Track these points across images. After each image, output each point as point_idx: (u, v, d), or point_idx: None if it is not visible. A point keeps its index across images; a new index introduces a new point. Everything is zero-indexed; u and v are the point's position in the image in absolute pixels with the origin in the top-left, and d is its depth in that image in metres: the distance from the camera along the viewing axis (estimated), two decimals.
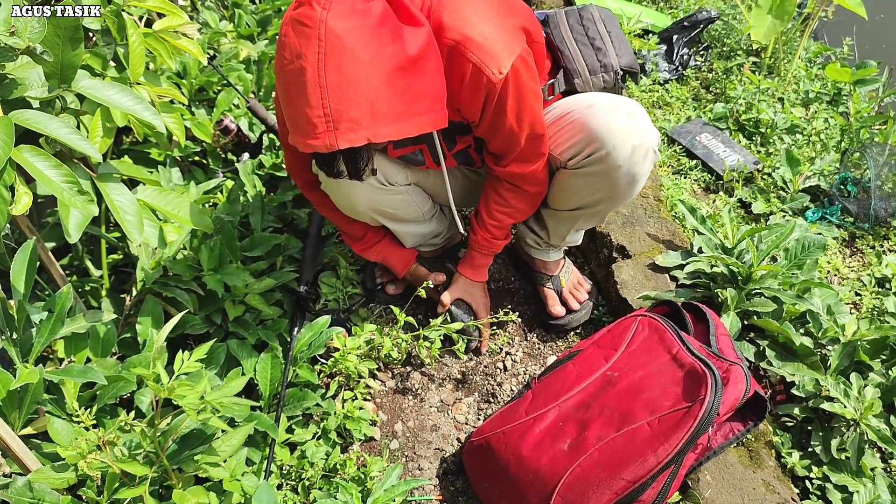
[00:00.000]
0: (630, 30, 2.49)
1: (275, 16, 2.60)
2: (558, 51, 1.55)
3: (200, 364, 1.16)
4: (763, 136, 2.23)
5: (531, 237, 1.73)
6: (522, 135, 1.38)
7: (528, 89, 1.32)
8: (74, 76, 1.20)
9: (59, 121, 1.12)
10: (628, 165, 1.40)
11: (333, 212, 1.66)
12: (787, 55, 2.54)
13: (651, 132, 1.40)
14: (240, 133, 2.07)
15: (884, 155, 2.08)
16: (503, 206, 1.58)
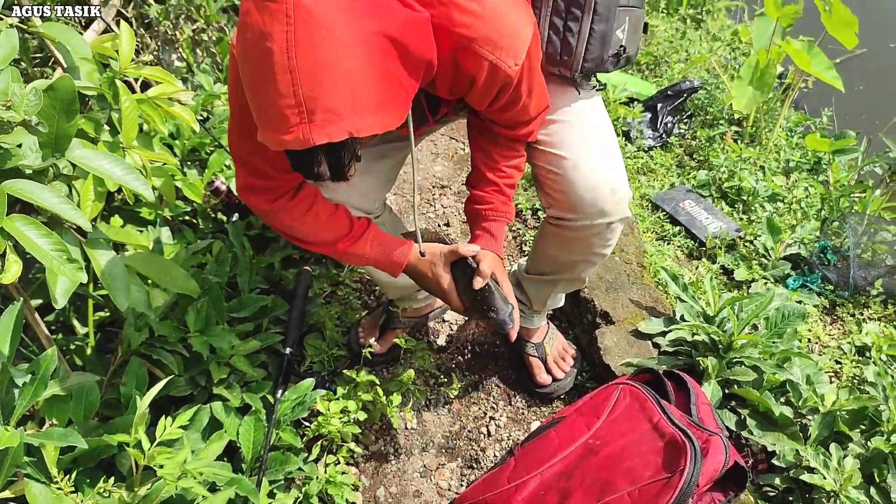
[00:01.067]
0: (615, 98, 2.55)
1: None
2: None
3: (182, 430, 1.16)
4: (745, 204, 2.28)
5: None
6: (532, 105, 1.31)
7: (536, 59, 1.24)
8: (69, 145, 1.23)
9: (50, 190, 1.15)
10: (601, 237, 1.43)
11: (304, 225, 1.38)
12: (768, 124, 2.61)
13: (627, 210, 1.42)
14: (230, 194, 2.10)
15: (862, 224, 2.13)
16: (512, 157, 1.43)
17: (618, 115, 2.52)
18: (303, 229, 1.37)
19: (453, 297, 1.41)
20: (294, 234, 1.39)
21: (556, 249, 1.55)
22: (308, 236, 1.39)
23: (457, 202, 2.41)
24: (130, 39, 1.58)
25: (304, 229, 1.37)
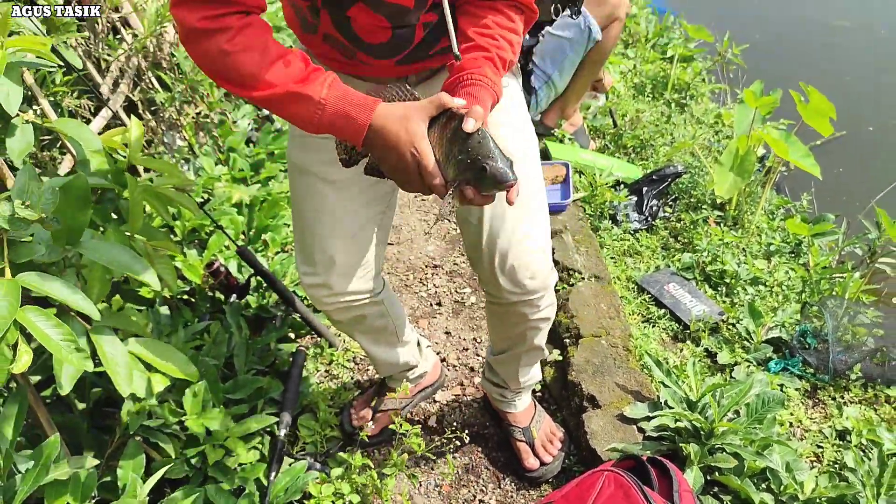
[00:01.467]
0: (602, 182, 2.65)
1: (268, 159, 2.75)
2: None
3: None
4: (728, 287, 2.35)
5: (495, 391, 1.80)
6: None
7: None
8: (80, 237, 1.30)
9: (61, 282, 1.21)
10: (531, 307, 1.50)
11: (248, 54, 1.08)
12: (750, 207, 2.70)
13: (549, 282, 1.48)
14: (228, 276, 2.16)
15: (842, 308, 2.20)
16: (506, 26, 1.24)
17: (605, 199, 2.61)
18: (245, 60, 1.08)
19: (430, 163, 1.07)
20: (230, 65, 1.09)
21: (499, 325, 1.63)
22: (248, 70, 1.08)
23: (448, 282, 2.48)
24: (140, 134, 1.67)
25: (247, 61, 1.08)
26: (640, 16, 4.07)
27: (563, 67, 2.71)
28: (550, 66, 2.71)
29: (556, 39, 2.64)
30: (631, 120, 3.20)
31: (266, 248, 2.38)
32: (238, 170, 2.60)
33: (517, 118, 1.45)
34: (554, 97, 2.87)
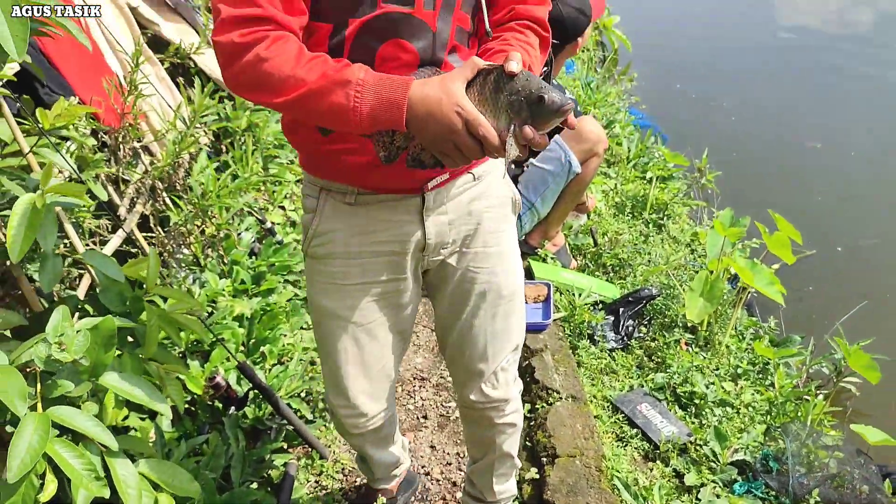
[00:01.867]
0: (581, 302, 2.83)
1: (268, 271, 2.93)
2: None
3: None
4: (697, 408, 2.50)
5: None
6: None
7: None
8: (104, 372, 1.46)
9: (85, 416, 1.36)
10: (498, 411, 1.67)
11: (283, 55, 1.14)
12: (720, 328, 2.88)
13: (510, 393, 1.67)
14: (228, 388, 2.30)
15: (803, 434, 2.35)
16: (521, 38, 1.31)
17: (583, 319, 2.79)
18: (281, 63, 1.13)
19: (477, 115, 1.09)
20: (267, 69, 1.13)
21: (472, 429, 1.80)
22: (285, 71, 1.13)
23: (435, 395, 2.62)
24: (156, 265, 1.84)
25: (283, 63, 1.13)
26: (622, 136, 4.34)
27: (545, 196, 2.93)
28: (533, 194, 2.93)
29: (540, 171, 2.87)
30: (611, 239, 3.41)
31: (264, 359, 2.53)
32: (240, 282, 2.77)
33: (513, 250, 1.62)
34: (537, 221, 3.08)
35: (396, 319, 1.56)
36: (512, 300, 1.58)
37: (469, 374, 1.61)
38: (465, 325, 1.56)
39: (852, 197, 4.61)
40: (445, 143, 1.12)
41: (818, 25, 7.50)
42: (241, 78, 1.17)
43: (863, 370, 2.54)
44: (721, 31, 7.75)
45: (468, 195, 1.47)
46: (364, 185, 1.39)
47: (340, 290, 1.51)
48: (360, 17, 1.22)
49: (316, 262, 1.51)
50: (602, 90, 5.10)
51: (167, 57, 3.01)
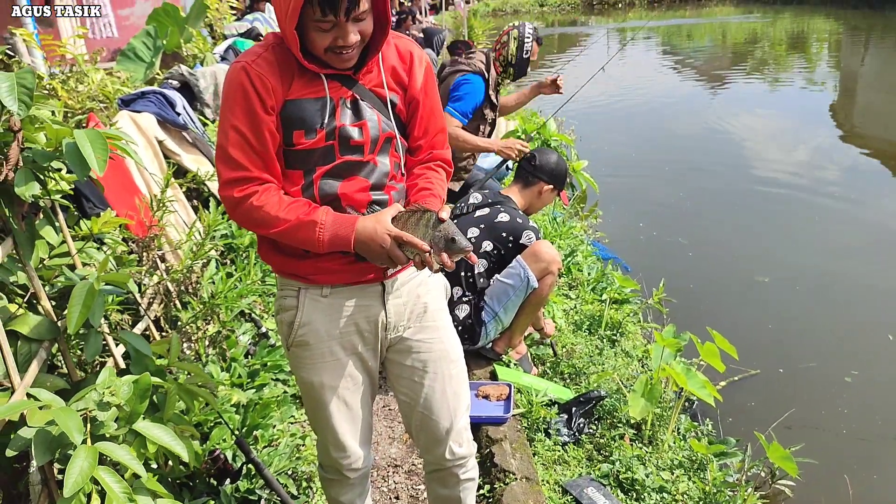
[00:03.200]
0: (538, 401, 3.20)
1: (262, 369, 3.30)
2: None
3: None
4: (637, 493, 2.83)
5: None
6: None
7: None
8: (137, 420, 1.82)
9: (123, 449, 1.72)
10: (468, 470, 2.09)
11: (272, 203, 1.69)
12: (662, 428, 3.24)
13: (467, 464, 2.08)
14: (225, 462, 2.63)
15: None
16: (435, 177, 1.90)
17: (540, 415, 3.15)
18: (269, 209, 1.67)
19: (411, 237, 1.62)
20: (261, 214, 1.67)
21: (437, 491, 2.14)
22: (273, 214, 1.66)
23: (406, 480, 2.94)
24: (177, 343, 2.24)
25: (270, 209, 1.67)
26: (583, 263, 4.84)
27: (507, 307, 3.37)
28: (497, 304, 3.37)
29: (503, 285, 3.32)
30: (568, 351, 3.82)
31: (256, 442, 2.86)
32: (237, 376, 3.14)
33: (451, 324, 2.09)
34: (501, 329, 3.50)
35: (370, 380, 2.03)
36: (459, 363, 2.04)
37: (438, 434, 2.01)
38: (429, 389, 1.96)
39: (794, 325, 5.06)
40: (382, 254, 1.67)
41: (783, 176, 8.24)
42: (242, 220, 1.74)
43: (781, 462, 2.89)
44: (687, 175, 8.46)
45: (415, 282, 1.97)
46: (336, 281, 1.86)
47: (326, 366, 1.94)
48: (325, 165, 1.75)
49: (302, 349, 1.91)
50: (567, 224, 5.66)
51: (185, 182, 3.51)
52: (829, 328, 5.01)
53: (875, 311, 5.15)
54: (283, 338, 1.93)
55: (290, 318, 1.89)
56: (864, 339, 4.81)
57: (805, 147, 9.62)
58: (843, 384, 4.29)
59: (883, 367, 4.48)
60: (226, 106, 1.67)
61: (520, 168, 3.75)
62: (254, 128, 1.67)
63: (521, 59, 4.18)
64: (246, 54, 1.70)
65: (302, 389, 2.01)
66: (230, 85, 1.67)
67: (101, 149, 1.81)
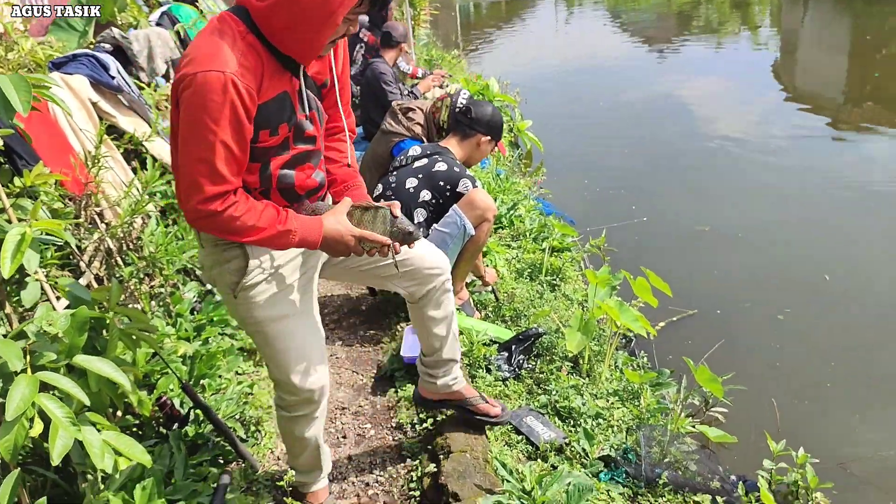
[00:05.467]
0: (478, 340, 3.32)
1: (208, 324, 3.36)
2: None
3: None
4: (574, 420, 2.97)
5: (440, 381, 2.59)
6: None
7: None
8: (77, 353, 1.88)
9: (66, 379, 1.78)
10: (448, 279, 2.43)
11: (249, 213, 1.77)
12: (598, 362, 3.39)
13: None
14: (172, 408, 2.69)
15: (661, 434, 2.83)
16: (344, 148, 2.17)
17: (481, 354, 3.27)
18: (249, 217, 1.75)
19: (375, 236, 1.93)
20: (242, 223, 1.75)
21: (432, 310, 2.39)
22: (250, 223, 1.76)
23: (353, 420, 3.04)
24: (118, 291, 2.29)
25: (250, 216, 1.75)
26: (525, 217, 4.96)
27: (447, 255, 3.45)
28: None
29: (440, 233, 3.41)
30: (510, 296, 3.94)
31: (204, 390, 2.93)
32: (184, 330, 3.19)
33: None
34: None
35: (313, 303, 2.19)
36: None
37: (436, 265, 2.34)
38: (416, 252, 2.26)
39: (734, 270, 5.26)
40: (345, 251, 1.94)
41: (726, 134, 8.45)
42: (222, 228, 1.77)
43: (708, 385, 3.05)
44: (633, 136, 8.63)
45: None
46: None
47: (281, 295, 2.04)
48: (280, 156, 1.85)
49: (253, 290, 1.97)
50: (510, 180, 5.77)
51: (122, 144, 3.52)
52: (766, 272, 5.22)
53: (812, 255, 5.39)
54: (229, 286, 1.97)
55: (237, 265, 1.95)
56: (799, 280, 5.04)
57: (748, 107, 9.85)
58: (775, 322, 4.51)
59: (814, 305, 4.71)
60: (209, 118, 1.61)
61: (456, 121, 3.83)
62: (240, 140, 1.69)
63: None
64: (223, 61, 1.61)
65: (258, 330, 2.05)
66: (214, 97, 1.59)
67: (25, 90, 1.85)
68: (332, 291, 4.22)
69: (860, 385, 3.83)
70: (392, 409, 3.12)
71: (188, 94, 1.61)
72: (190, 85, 1.60)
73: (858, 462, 3.24)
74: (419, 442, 2.85)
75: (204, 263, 2.03)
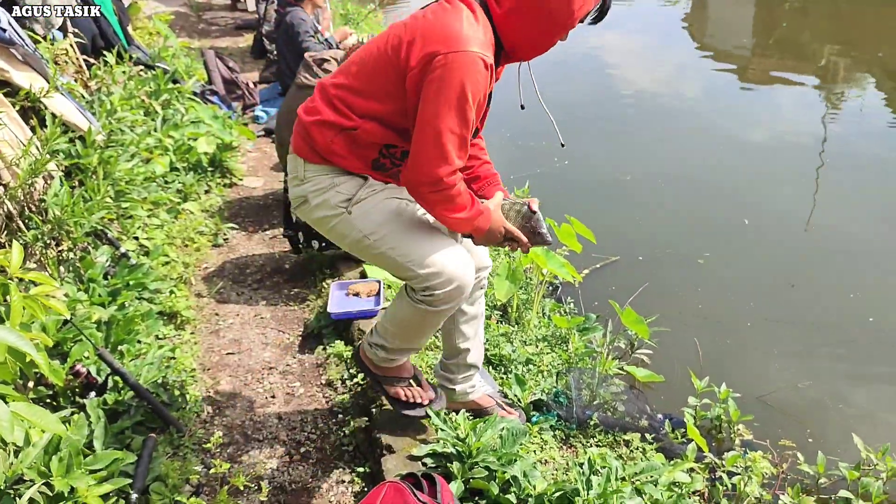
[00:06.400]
0: None
1: (124, 288, 3.20)
2: None
3: None
4: (505, 367, 2.97)
5: (459, 386, 2.55)
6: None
7: None
8: None
9: None
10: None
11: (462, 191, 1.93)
12: (527, 310, 3.40)
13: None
14: (89, 375, 2.56)
15: (590, 377, 2.87)
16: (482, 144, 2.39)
17: None
18: (464, 196, 1.92)
19: (518, 235, 2.08)
20: (461, 199, 1.92)
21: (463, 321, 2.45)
22: (463, 201, 1.92)
23: (281, 379, 2.97)
24: (20, 254, 2.14)
25: (464, 195, 1.92)
26: None
27: None
28: None
29: None
30: None
31: (122, 357, 2.80)
32: (97, 296, 3.04)
33: None
34: None
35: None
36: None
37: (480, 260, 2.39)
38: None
39: (654, 216, 5.36)
40: (493, 242, 2.09)
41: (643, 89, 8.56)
42: (448, 200, 1.90)
43: (634, 326, 3.11)
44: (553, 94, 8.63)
45: None
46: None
47: (389, 192, 2.10)
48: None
49: (366, 198, 2.05)
50: None
51: (18, 101, 3.28)
52: (685, 218, 5.34)
53: (729, 201, 5.54)
54: (340, 205, 2.04)
55: (350, 185, 2.05)
56: (718, 226, 5.18)
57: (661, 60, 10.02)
58: (696, 266, 4.61)
59: (733, 249, 4.85)
60: (471, 95, 1.76)
61: None
62: (476, 122, 1.90)
63: None
64: (485, 46, 1.79)
65: (384, 234, 2.04)
66: (479, 77, 1.76)
67: None
68: (253, 251, 4.09)
69: (777, 323, 3.97)
70: (321, 366, 3.06)
71: (456, 68, 1.73)
72: (457, 61, 1.73)
73: (776, 395, 3.36)
74: (350, 398, 2.81)
75: (306, 195, 2.08)
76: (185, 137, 4.71)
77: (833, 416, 3.28)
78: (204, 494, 2.36)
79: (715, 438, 3.00)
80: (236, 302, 3.57)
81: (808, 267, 4.60)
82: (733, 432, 2.97)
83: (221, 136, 4.97)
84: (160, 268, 3.55)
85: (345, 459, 2.54)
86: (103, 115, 3.90)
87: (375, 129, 1.95)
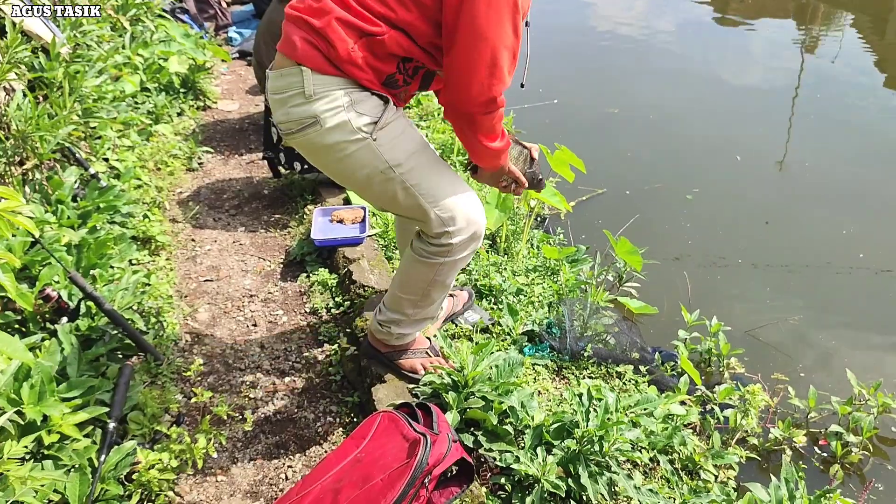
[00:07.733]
0: (393, 220, 3.15)
1: (95, 211, 3.03)
2: None
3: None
4: (496, 298, 2.88)
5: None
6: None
7: None
8: None
9: None
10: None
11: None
12: (516, 241, 3.30)
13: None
14: (60, 300, 2.42)
15: (583, 308, 2.79)
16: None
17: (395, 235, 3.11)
18: (502, 118, 1.85)
19: (520, 176, 2.08)
20: (500, 124, 1.85)
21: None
22: (501, 127, 1.87)
23: (263, 307, 2.85)
24: None
25: (501, 122, 1.86)
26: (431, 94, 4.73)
27: None
28: None
29: None
30: None
31: (95, 281, 2.65)
32: (66, 218, 2.87)
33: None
34: None
35: None
36: None
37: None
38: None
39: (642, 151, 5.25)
40: (494, 181, 2.12)
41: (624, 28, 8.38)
42: (492, 123, 1.81)
43: (627, 257, 3.03)
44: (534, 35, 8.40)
45: None
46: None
47: (411, 129, 1.92)
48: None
49: (389, 126, 1.81)
50: None
51: None
52: (675, 154, 5.24)
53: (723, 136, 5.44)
54: (362, 130, 1.78)
55: (372, 107, 1.79)
56: (707, 162, 5.09)
57: None
58: (684, 201, 4.53)
59: (723, 185, 4.77)
60: (514, 5, 1.65)
61: None
62: None
63: None
64: None
65: (410, 167, 1.85)
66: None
67: None
68: (230, 175, 3.92)
69: (766, 258, 3.92)
70: (304, 294, 2.95)
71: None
72: None
73: (765, 329, 3.32)
74: (336, 326, 2.71)
75: (317, 115, 1.75)
76: (155, 56, 4.46)
77: (824, 351, 3.25)
78: (185, 424, 2.25)
79: (705, 372, 2.96)
80: (213, 228, 3.42)
81: (798, 205, 4.55)
82: (723, 366, 2.93)
83: (194, 56, 4.73)
84: (132, 191, 3.38)
85: (332, 389, 2.45)
86: (67, 28, 3.65)
87: (400, 39, 1.72)
